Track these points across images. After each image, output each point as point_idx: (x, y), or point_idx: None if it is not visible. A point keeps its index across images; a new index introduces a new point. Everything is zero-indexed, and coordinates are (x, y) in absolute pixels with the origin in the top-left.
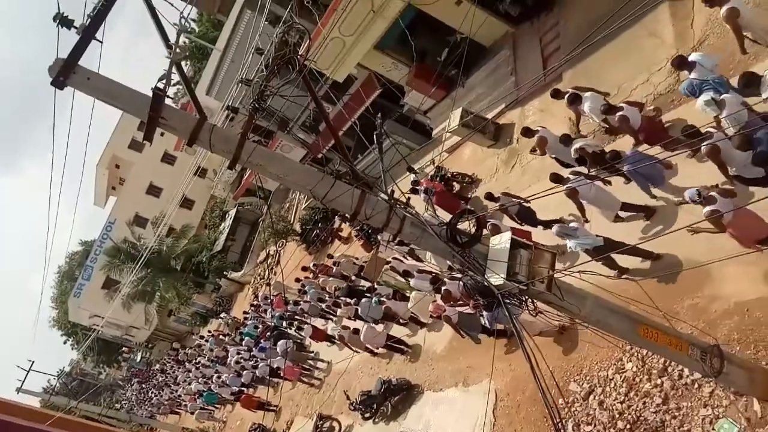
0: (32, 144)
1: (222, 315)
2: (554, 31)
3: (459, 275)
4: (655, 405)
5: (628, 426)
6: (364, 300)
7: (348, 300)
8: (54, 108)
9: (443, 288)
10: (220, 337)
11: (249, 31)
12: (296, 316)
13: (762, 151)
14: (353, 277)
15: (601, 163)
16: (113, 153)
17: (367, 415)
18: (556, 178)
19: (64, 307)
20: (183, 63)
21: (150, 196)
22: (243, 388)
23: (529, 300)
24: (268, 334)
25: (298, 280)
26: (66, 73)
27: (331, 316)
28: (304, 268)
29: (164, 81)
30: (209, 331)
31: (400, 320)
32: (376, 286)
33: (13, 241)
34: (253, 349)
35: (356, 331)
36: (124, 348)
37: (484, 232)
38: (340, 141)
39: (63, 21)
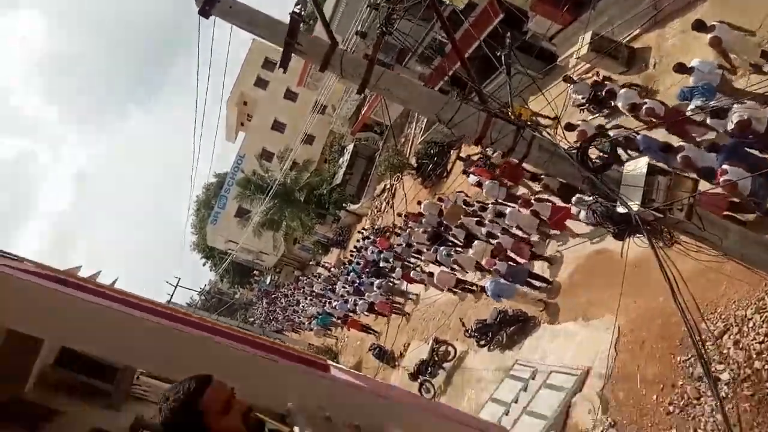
0: (169, 79)
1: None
2: None
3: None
4: None
5: (767, 366)
6: (441, 248)
7: (429, 246)
8: (198, 37)
9: (496, 241)
10: (330, 270)
11: None
12: (390, 259)
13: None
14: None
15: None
16: (241, 90)
17: (482, 342)
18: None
19: (202, 232)
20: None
21: (275, 131)
22: (349, 313)
23: (666, 230)
24: (367, 270)
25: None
26: (211, 2)
27: (418, 260)
28: (399, 214)
29: (300, 5)
30: (326, 264)
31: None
32: (453, 230)
33: (154, 171)
34: (357, 281)
35: (431, 274)
36: (255, 271)
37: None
38: (465, 62)
39: None
